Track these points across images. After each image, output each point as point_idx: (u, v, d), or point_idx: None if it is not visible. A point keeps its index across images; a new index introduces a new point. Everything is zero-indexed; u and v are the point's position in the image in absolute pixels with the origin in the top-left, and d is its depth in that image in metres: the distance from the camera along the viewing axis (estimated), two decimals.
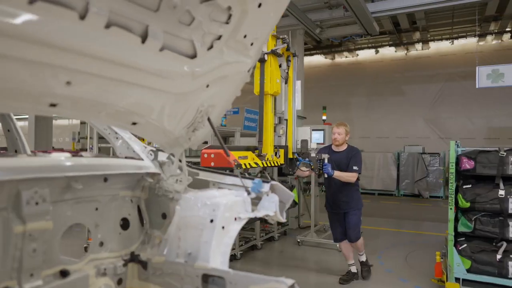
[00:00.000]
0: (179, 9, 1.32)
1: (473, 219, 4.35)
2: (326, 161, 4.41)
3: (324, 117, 7.64)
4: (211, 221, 1.52)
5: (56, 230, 1.33)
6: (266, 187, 1.70)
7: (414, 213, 9.53)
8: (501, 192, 4.25)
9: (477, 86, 6.43)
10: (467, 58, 14.07)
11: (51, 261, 1.31)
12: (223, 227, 1.53)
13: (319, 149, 5.20)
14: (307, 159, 4.63)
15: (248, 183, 1.71)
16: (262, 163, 4.90)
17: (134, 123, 1.53)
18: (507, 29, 13.12)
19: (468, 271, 4.09)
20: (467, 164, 4.44)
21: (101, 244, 1.54)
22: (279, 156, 5.10)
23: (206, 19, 1.42)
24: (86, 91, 1.23)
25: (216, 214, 1.52)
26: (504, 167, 4.25)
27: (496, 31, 13.10)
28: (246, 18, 1.49)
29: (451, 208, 4.21)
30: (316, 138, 6.68)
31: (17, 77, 1.07)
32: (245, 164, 4.68)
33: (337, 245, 5.89)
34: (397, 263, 5.27)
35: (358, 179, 4.49)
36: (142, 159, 1.89)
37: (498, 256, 4.00)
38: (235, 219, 1.60)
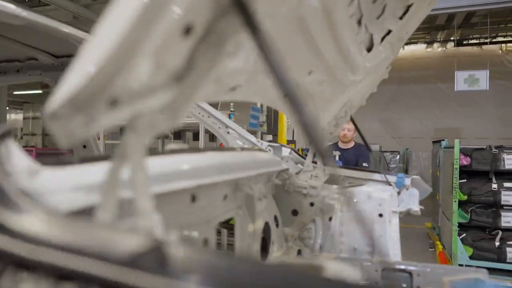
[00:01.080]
0: (381, 2, 1.32)
1: (469, 210, 4.74)
2: (337, 158, 4.49)
3: None
4: (380, 215, 1.53)
5: (260, 227, 1.25)
6: (407, 181, 1.74)
7: None
8: (494, 186, 4.68)
9: (455, 90, 7.02)
10: (416, 63, 15.21)
11: None
12: (390, 221, 1.54)
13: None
14: None
15: (391, 178, 1.74)
16: None
17: None
18: (451, 38, 14.37)
19: (471, 258, 4.45)
20: (464, 161, 4.82)
21: (273, 243, 1.47)
22: None
23: (390, 14, 1.43)
24: (316, 84, 1.18)
25: (384, 209, 1.53)
26: (497, 163, 4.69)
27: (442, 39, 14.29)
28: (416, 15, 1.52)
29: (455, 201, 4.55)
30: None
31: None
32: None
33: None
34: None
35: None
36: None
37: (497, 243, 4.42)
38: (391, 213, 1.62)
